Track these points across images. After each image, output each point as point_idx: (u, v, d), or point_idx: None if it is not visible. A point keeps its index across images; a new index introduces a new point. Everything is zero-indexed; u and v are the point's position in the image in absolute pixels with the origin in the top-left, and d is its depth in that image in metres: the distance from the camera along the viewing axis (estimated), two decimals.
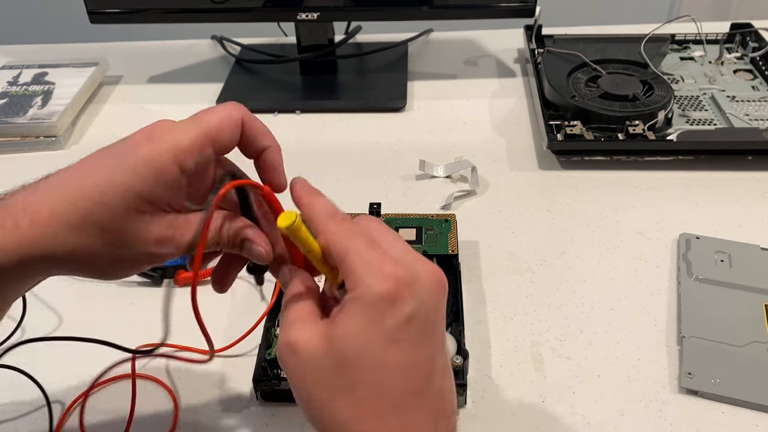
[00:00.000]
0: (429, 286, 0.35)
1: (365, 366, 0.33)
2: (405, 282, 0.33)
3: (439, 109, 0.88)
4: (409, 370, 0.34)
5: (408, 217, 0.64)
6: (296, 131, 0.85)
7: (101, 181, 0.36)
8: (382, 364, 0.33)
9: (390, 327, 0.33)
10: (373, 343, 0.33)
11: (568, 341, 0.55)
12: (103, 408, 0.52)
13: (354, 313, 0.33)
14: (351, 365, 0.33)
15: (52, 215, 0.35)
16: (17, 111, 0.86)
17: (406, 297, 0.33)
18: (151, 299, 0.61)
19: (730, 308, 0.56)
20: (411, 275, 0.34)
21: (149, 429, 0.50)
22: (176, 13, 0.89)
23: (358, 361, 0.33)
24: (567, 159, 0.76)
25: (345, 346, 0.33)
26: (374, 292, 0.33)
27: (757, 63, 0.87)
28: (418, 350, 0.34)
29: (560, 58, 0.86)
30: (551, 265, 0.63)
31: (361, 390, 0.33)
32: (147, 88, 0.96)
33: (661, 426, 0.49)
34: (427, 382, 0.34)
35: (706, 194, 0.70)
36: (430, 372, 0.35)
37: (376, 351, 0.33)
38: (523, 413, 0.50)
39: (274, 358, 0.51)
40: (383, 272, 0.33)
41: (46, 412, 0.51)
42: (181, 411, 0.51)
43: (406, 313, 0.33)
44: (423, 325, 0.34)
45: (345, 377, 0.33)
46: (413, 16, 0.88)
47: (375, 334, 0.33)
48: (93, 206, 0.35)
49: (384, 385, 0.33)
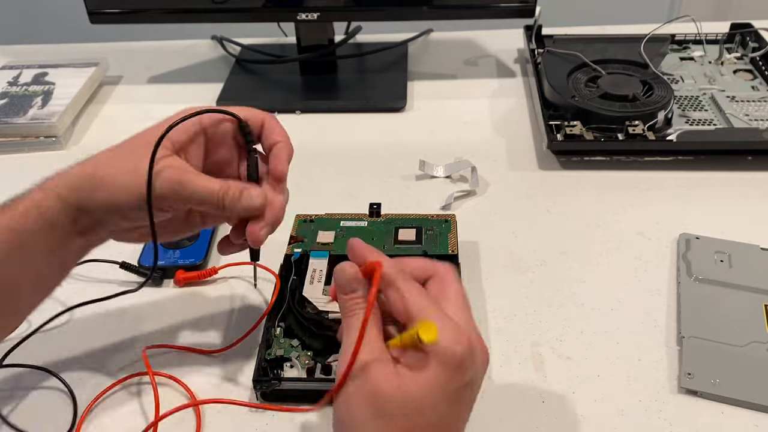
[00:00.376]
0: (481, 357, 0.39)
1: (431, 418, 0.37)
2: (470, 347, 0.37)
3: (439, 109, 0.88)
4: (459, 427, 0.39)
5: (408, 218, 0.64)
6: (296, 131, 0.84)
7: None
8: (444, 418, 0.37)
9: (456, 388, 0.37)
10: (442, 400, 0.37)
11: (568, 341, 0.55)
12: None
13: (433, 368, 0.36)
14: (418, 414, 0.36)
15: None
16: (17, 111, 0.86)
17: (470, 364, 0.37)
18: (151, 299, 0.61)
19: (730, 308, 0.56)
20: (474, 343, 0.38)
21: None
22: (176, 13, 0.89)
23: (426, 412, 0.36)
24: (567, 159, 0.76)
25: (418, 395, 0.36)
26: (454, 357, 0.36)
27: (756, 63, 0.87)
28: (467, 412, 0.39)
29: (560, 58, 0.86)
30: (551, 265, 0.63)
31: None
32: (147, 88, 0.96)
33: (661, 426, 0.49)
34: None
35: (706, 194, 0.70)
36: (463, 423, 0.39)
37: (443, 407, 0.37)
38: (523, 413, 0.50)
39: (274, 359, 0.51)
40: (461, 337, 0.37)
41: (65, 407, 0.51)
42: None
43: (467, 379, 0.37)
44: (475, 390, 0.39)
45: (408, 420, 0.36)
46: (413, 16, 0.88)
47: (446, 393, 0.37)
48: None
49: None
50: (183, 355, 0.55)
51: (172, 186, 0.44)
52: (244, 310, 0.59)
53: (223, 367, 0.54)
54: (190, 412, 0.51)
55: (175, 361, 0.55)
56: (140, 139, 0.46)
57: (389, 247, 0.61)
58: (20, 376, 0.54)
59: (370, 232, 0.63)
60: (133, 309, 0.60)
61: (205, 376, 0.54)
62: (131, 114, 0.90)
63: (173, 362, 0.55)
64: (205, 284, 0.63)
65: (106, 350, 0.56)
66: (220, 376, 0.54)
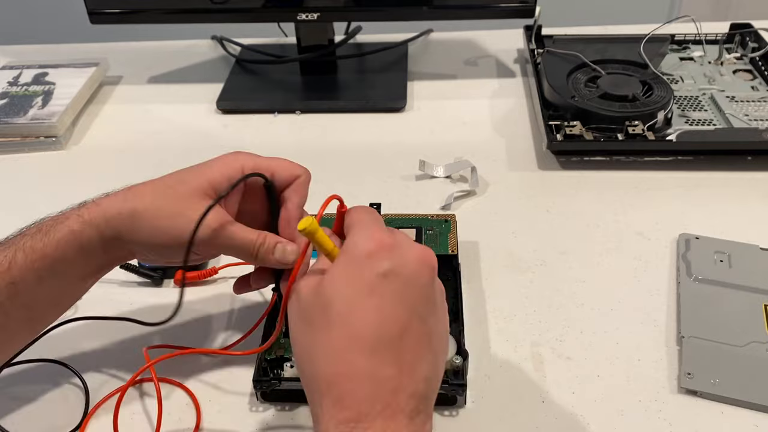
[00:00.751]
0: (412, 257, 0.39)
1: (341, 308, 0.38)
2: (387, 245, 0.39)
3: (439, 109, 0.88)
4: (381, 322, 0.37)
5: (408, 218, 0.64)
6: (296, 131, 0.85)
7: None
8: (355, 308, 0.37)
9: (367, 278, 0.38)
10: (350, 288, 0.38)
11: (568, 341, 0.55)
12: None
13: (340, 263, 0.39)
14: (331, 306, 0.38)
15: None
16: (17, 111, 0.86)
17: (385, 256, 0.38)
18: (151, 299, 0.61)
19: (730, 308, 0.56)
20: (395, 243, 0.39)
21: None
22: (176, 13, 0.89)
23: (336, 302, 0.38)
24: (566, 159, 0.76)
25: (328, 290, 0.38)
26: (358, 247, 0.39)
27: (756, 63, 0.87)
28: (392, 306, 0.38)
29: (560, 59, 0.86)
30: (551, 265, 0.63)
31: (336, 329, 0.37)
32: (147, 88, 0.96)
33: (661, 426, 0.49)
34: (400, 339, 0.37)
35: (706, 194, 0.70)
36: (403, 331, 0.38)
37: (353, 295, 0.38)
38: (523, 413, 0.50)
39: (274, 359, 0.51)
40: (372, 236, 0.39)
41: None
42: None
43: (382, 269, 0.38)
44: (400, 286, 0.38)
45: (325, 317, 0.38)
46: (413, 16, 0.88)
47: (354, 282, 0.38)
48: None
49: (356, 327, 0.37)
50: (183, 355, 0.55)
51: (213, 234, 0.45)
52: (244, 310, 0.60)
53: (223, 367, 0.54)
54: (189, 412, 0.51)
55: (175, 361, 0.55)
56: (184, 183, 0.47)
57: None
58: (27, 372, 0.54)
59: None
60: (133, 309, 0.60)
61: (205, 376, 0.54)
62: (131, 114, 0.90)
63: (173, 362, 0.55)
64: (205, 284, 0.63)
65: (106, 351, 0.56)
66: (220, 376, 0.54)
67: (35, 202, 0.72)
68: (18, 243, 0.45)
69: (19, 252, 0.45)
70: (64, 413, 0.51)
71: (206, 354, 0.55)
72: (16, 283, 0.44)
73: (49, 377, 0.54)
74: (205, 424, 0.50)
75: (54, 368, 0.55)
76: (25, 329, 0.48)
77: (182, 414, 0.51)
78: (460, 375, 0.49)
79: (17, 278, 0.44)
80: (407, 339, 0.38)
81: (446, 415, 0.50)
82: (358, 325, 0.37)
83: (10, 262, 0.44)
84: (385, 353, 0.37)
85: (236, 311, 0.60)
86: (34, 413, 0.52)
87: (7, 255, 0.44)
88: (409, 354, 0.37)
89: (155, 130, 0.86)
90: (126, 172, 0.79)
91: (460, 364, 0.49)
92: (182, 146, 0.82)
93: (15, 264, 0.44)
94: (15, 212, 0.71)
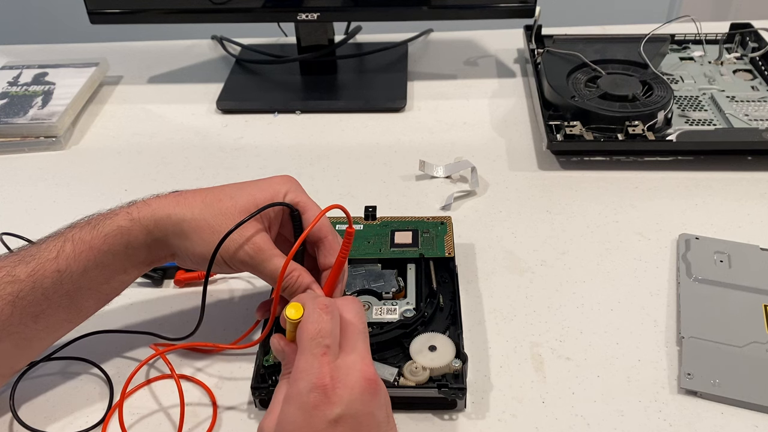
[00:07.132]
0: (357, 385, 0.39)
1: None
2: (330, 387, 0.38)
3: (439, 109, 0.88)
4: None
5: (404, 220, 0.64)
6: (296, 131, 0.85)
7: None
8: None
9: (319, 428, 0.38)
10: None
11: (568, 342, 0.55)
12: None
13: (290, 412, 0.39)
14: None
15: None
16: (17, 111, 0.86)
17: (333, 401, 0.38)
18: (151, 299, 0.61)
19: (730, 308, 0.56)
20: (338, 377, 0.39)
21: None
22: (176, 13, 0.89)
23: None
24: (566, 159, 0.76)
25: None
26: (302, 397, 0.39)
27: (756, 63, 0.87)
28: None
29: (560, 59, 0.86)
30: (551, 265, 0.63)
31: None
32: (147, 88, 0.96)
33: (661, 426, 0.49)
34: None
35: (706, 194, 0.70)
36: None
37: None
38: (523, 414, 0.50)
39: (272, 365, 0.50)
40: (313, 381, 0.39)
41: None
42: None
43: (333, 415, 0.38)
44: (354, 423, 0.39)
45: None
46: (413, 16, 0.88)
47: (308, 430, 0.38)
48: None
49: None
50: (184, 355, 0.55)
51: (252, 256, 0.47)
52: (245, 310, 0.60)
53: (223, 367, 0.54)
54: (190, 412, 0.51)
55: (175, 361, 0.55)
56: (232, 199, 0.49)
57: (386, 250, 0.60)
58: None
59: (365, 235, 0.62)
60: (133, 309, 0.60)
61: (205, 375, 0.54)
62: (131, 114, 0.90)
63: (173, 362, 0.55)
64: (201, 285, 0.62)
65: (106, 351, 0.56)
66: (218, 381, 0.54)
67: (35, 202, 0.72)
68: (67, 234, 0.48)
69: (67, 242, 0.47)
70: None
71: (207, 352, 0.55)
72: (61, 271, 0.46)
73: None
74: (204, 424, 0.50)
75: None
76: (65, 318, 0.49)
77: (196, 408, 0.51)
78: (459, 379, 0.49)
79: (63, 267, 0.46)
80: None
81: (446, 419, 0.50)
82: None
83: (58, 251, 0.46)
84: None
85: (236, 311, 0.60)
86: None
87: (57, 244, 0.47)
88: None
89: (155, 129, 0.86)
90: (126, 172, 0.80)
91: (460, 368, 0.49)
92: (182, 146, 0.82)
93: (63, 253, 0.46)
94: (15, 212, 0.72)
